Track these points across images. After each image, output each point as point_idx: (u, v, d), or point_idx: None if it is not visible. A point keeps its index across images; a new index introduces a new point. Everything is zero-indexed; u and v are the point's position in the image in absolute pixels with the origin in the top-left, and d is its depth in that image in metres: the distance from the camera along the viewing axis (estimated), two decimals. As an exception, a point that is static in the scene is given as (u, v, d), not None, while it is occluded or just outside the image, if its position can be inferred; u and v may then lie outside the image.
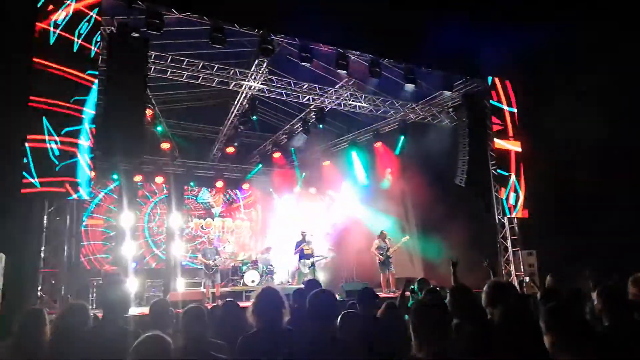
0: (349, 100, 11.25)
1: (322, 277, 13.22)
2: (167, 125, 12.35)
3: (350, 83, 11.10)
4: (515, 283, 9.70)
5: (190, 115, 14.05)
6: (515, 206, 10.55)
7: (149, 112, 10.16)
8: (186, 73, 9.49)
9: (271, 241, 14.85)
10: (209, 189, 14.82)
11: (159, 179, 13.36)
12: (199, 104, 13.72)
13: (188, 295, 10.72)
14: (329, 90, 11.12)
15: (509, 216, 10.59)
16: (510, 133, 10.79)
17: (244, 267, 12.61)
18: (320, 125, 11.97)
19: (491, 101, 10.71)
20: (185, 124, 14.18)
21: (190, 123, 14.32)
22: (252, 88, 10.46)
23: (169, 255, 13.56)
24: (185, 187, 14.52)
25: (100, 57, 7.61)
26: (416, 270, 11.88)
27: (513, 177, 10.63)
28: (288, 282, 13.49)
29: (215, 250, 10.91)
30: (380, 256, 10.89)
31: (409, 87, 10.06)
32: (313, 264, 11.36)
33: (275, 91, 10.69)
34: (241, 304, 3.63)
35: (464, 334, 3.08)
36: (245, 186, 14.99)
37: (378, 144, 12.87)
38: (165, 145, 11.97)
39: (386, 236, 11.21)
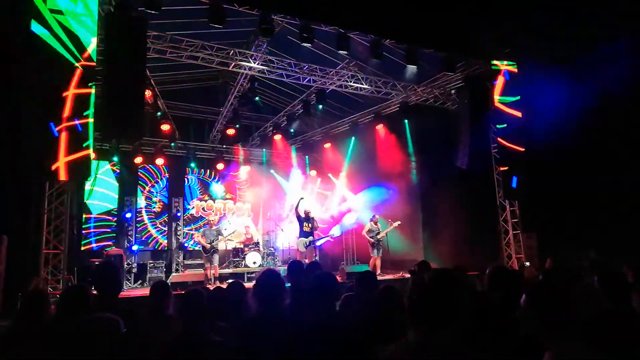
0: (350, 81, 11.14)
1: (322, 257, 13.29)
2: (167, 106, 12.26)
3: (351, 64, 10.97)
4: (516, 266, 9.76)
5: (190, 97, 13.96)
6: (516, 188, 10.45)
7: (148, 93, 10.08)
8: (185, 53, 9.37)
9: (273, 223, 14.91)
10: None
11: (160, 161, 13.33)
12: (198, 84, 13.61)
13: (190, 276, 10.81)
14: (330, 72, 11.00)
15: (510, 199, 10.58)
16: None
17: (246, 249, 12.68)
18: (320, 106, 11.90)
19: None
20: (185, 105, 14.09)
21: (190, 104, 14.24)
22: (252, 69, 10.34)
23: (171, 237, 13.61)
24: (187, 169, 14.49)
25: (99, 36, 7.49)
26: (417, 253, 11.92)
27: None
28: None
29: (217, 232, 10.89)
30: (371, 239, 11.00)
31: (411, 68, 9.94)
32: (311, 242, 11.38)
33: (276, 72, 10.57)
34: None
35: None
36: (246, 168, 14.94)
37: (379, 126, 12.79)
38: (165, 127, 11.90)
39: (378, 220, 11.29)
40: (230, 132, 13.20)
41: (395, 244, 11.76)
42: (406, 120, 12.11)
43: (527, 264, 9.22)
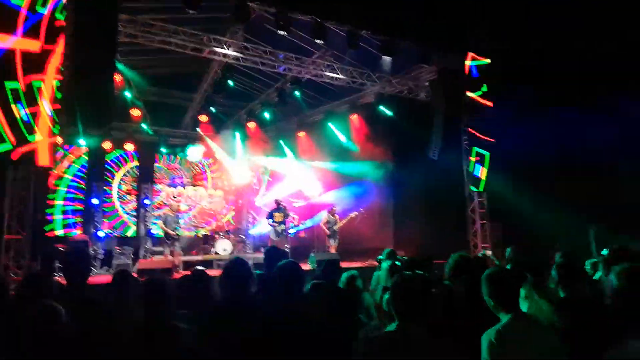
0: (326, 71, 11.11)
1: (293, 245, 13.36)
2: (138, 91, 11.97)
3: (327, 54, 10.93)
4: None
5: (163, 82, 13.67)
6: (483, 179, 10.65)
7: (118, 77, 9.83)
8: (157, 38, 9.16)
9: (245, 210, 14.87)
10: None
11: (130, 146, 13.07)
12: (171, 70, 13.32)
13: (157, 263, 10.69)
14: (306, 60, 10.94)
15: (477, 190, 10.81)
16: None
17: (217, 236, 12.62)
18: (297, 94, 11.83)
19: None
20: (157, 90, 13.81)
21: (163, 89, 13.96)
22: (227, 56, 10.20)
23: (139, 223, 13.42)
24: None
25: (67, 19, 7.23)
26: (386, 241, 12.08)
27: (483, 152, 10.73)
28: (261, 249, 13.57)
29: (176, 219, 10.66)
30: (327, 230, 11.23)
31: (386, 59, 9.99)
32: (283, 231, 11.45)
33: (251, 59, 10.46)
34: (212, 272, 3.62)
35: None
36: (219, 154, 14.80)
37: (354, 116, 12.82)
38: (135, 113, 11.63)
39: (335, 212, 11.49)
40: (204, 118, 13.03)
41: (365, 232, 11.90)
42: (381, 110, 12.07)
43: (489, 252, 9.49)
